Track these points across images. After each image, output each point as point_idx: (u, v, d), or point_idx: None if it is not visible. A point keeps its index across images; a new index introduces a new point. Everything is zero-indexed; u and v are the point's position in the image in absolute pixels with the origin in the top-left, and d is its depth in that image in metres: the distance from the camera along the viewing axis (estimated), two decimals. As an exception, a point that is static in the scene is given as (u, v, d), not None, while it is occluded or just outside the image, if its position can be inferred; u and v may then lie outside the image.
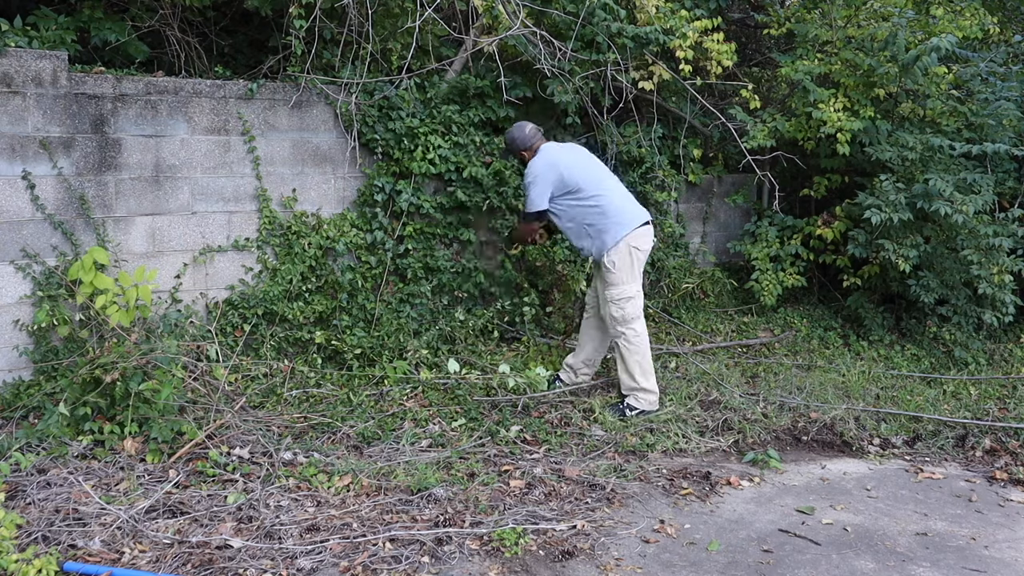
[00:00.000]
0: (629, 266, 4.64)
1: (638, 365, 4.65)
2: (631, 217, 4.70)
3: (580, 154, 4.86)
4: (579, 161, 4.78)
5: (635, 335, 4.65)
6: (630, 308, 4.65)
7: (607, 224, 4.65)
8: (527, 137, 4.81)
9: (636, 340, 4.65)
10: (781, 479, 4.13)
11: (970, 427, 4.73)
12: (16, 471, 3.62)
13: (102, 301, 4.17)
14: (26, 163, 4.36)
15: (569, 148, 4.90)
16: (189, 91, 4.81)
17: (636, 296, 4.67)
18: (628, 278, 4.65)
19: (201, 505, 3.46)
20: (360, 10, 5.20)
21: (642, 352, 4.67)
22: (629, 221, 4.67)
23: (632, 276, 4.66)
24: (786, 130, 6.34)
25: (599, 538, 3.39)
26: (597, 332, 4.97)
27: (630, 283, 4.65)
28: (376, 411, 4.56)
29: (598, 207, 4.67)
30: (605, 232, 4.65)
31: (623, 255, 4.63)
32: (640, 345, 4.66)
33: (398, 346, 5.15)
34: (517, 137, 4.83)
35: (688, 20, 5.85)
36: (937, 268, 6.00)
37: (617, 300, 4.65)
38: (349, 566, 3.06)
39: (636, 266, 4.67)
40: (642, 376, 4.66)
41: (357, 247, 5.32)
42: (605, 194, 4.70)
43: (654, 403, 4.71)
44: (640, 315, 4.68)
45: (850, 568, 3.28)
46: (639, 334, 4.66)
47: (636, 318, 4.66)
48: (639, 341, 4.66)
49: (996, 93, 6.19)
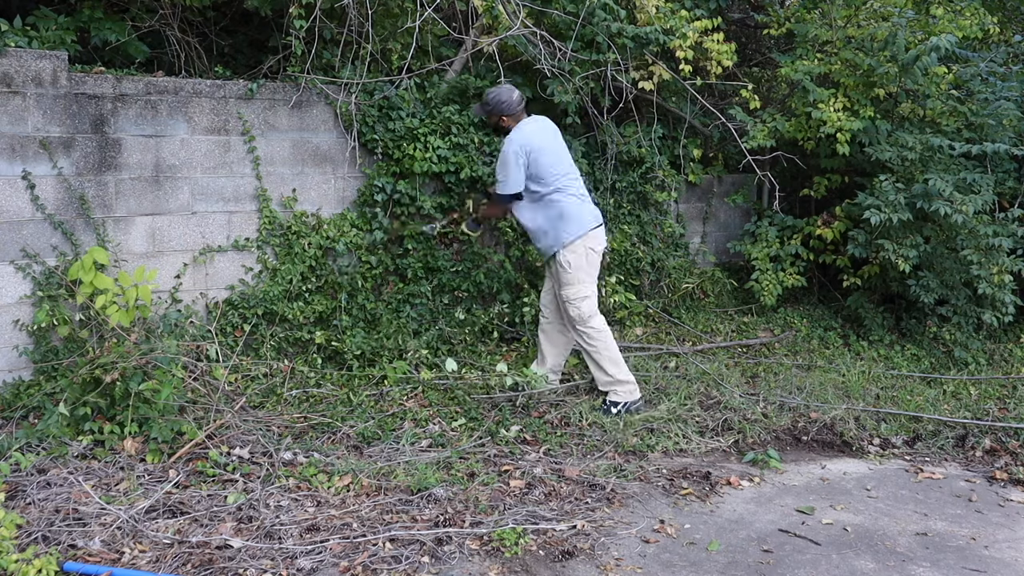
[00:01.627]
0: (585, 266, 4.56)
1: (607, 359, 4.59)
2: (589, 218, 4.61)
3: (551, 138, 4.68)
4: (550, 146, 4.62)
5: (596, 331, 4.59)
6: (586, 307, 4.59)
7: (564, 221, 4.55)
8: (514, 104, 4.64)
9: (598, 335, 4.59)
10: (781, 479, 4.13)
11: (970, 427, 4.73)
12: (16, 471, 3.62)
13: (102, 301, 4.17)
14: (26, 163, 4.36)
15: (541, 128, 4.69)
16: (189, 91, 4.81)
17: (591, 295, 4.61)
18: (584, 277, 4.57)
19: (201, 505, 3.46)
20: (360, 10, 5.20)
21: (607, 345, 4.61)
22: (587, 221, 4.58)
23: (588, 276, 4.59)
24: (786, 130, 6.34)
25: (599, 538, 3.39)
26: (559, 336, 4.87)
27: (586, 282, 4.58)
28: (376, 411, 4.56)
29: (558, 202, 4.56)
30: (562, 229, 4.55)
31: (579, 255, 4.55)
32: (603, 339, 4.60)
33: (398, 346, 5.15)
34: (504, 101, 4.63)
35: (688, 20, 5.85)
36: (937, 268, 6.00)
37: (573, 300, 4.58)
38: (349, 566, 3.06)
39: (591, 266, 4.59)
40: (614, 368, 4.59)
41: (357, 247, 5.31)
42: (566, 188, 4.59)
43: (634, 392, 4.67)
44: (596, 311, 4.62)
45: (850, 568, 3.28)
46: (599, 330, 4.60)
47: (593, 315, 4.60)
48: (601, 336, 4.59)
49: (996, 93, 6.19)
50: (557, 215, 4.57)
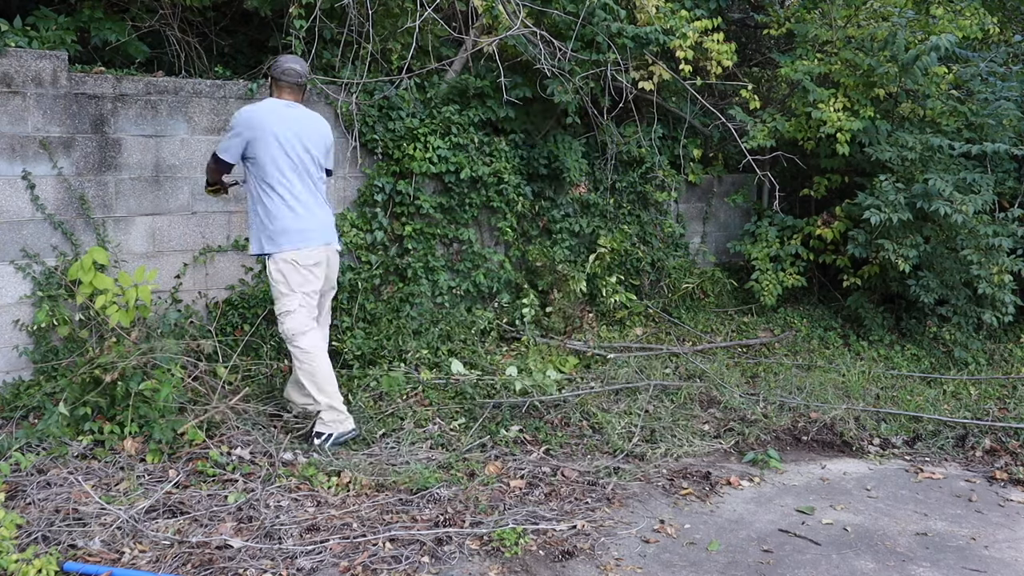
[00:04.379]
0: (290, 281, 4.07)
1: (312, 383, 4.12)
2: (298, 235, 4.05)
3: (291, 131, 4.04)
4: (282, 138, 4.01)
5: (302, 351, 4.10)
6: (290, 323, 4.09)
7: (273, 227, 4.03)
8: (280, 70, 4.10)
9: (304, 357, 4.11)
10: (781, 479, 4.13)
11: (970, 427, 4.73)
12: (16, 471, 3.62)
13: (102, 301, 4.17)
14: (26, 163, 4.36)
15: (283, 117, 4.06)
16: (189, 91, 4.81)
17: (296, 311, 4.08)
18: (286, 291, 4.08)
19: (201, 505, 3.46)
20: (360, 10, 5.20)
21: (313, 369, 4.11)
22: (295, 239, 4.04)
23: (293, 290, 4.08)
24: (786, 130, 6.34)
25: (599, 538, 3.39)
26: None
27: (290, 297, 4.08)
28: (376, 411, 4.56)
29: (270, 202, 4.03)
30: (268, 235, 4.05)
31: (283, 270, 4.05)
32: (310, 361, 4.11)
33: (398, 347, 5.15)
34: (278, 64, 4.13)
35: (688, 20, 5.85)
36: (937, 268, 6.00)
37: (279, 314, 4.13)
38: (349, 566, 3.06)
39: (305, 281, 4.09)
40: (320, 394, 4.11)
41: (357, 247, 5.31)
42: (285, 193, 4.02)
43: (344, 423, 4.14)
44: (305, 330, 4.10)
45: (850, 568, 3.28)
46: (306, 350, 4.10)
47: (299, 333, 4.09)
48: (308, 358, 4.11)
49: (996, 93, 6.19)
50: (265, 215, 4.05)
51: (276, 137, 4.00)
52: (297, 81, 4.14)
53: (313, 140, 4.13)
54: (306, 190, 4.10)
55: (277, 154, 4.01)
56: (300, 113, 4.14)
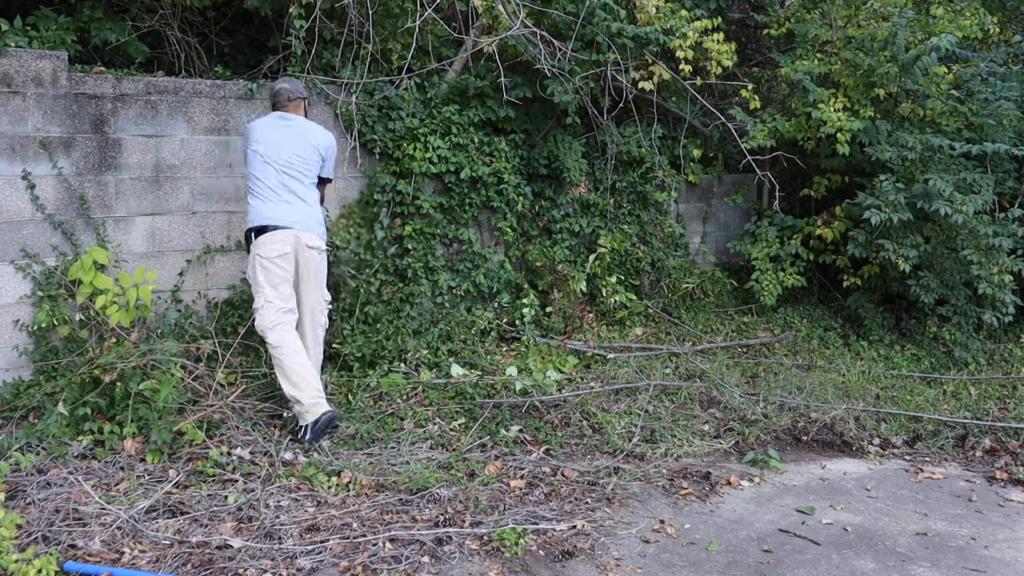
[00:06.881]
0: (262, 277, 4.25)
1: (285, 377, 4.23)
2: (274, 219, 4.26)
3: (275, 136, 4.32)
4: (265, 141, 4.30)
5: (272, 347, 4.26)
6: (259, 317, 4.26)
7: (249, 219, 4.32)
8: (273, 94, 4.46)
9: (275, 351, 4.25)
10: (781, 479, 4.13)
11: (970, 427, 4.73)
12: (16, 471, 3.62)
13: (102, 301, 4.16)
14: (26, 163, 4.36)
15: (266, 124, 4.37)
16: (189, 91, 4.81)
17: (264, 307, 4.24)
18: (257, 288, 4.28)
19: (201, 505, 3.46)
20: (360, 10, 5.20)
21: (281, 363, 4.24)
22: (266, 219, 4.26)
23: (261, 285, 4.25)
24: (786, 130, 6.34)
25: (599, 538, 3.39)
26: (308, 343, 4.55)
27: (259, 292, 4.27)
28: (376, 411, 4.56)
29: (248, 197, 4.35)
30: (249, 223, 4.32)
31: (257, 266, 4.26)
32: (280, 355, 4.24)
33: (398, 347, 5.14)
34: (271, 89, 4.51)
35: (688, 20, 5.85)
36: (937, 268, 6.00)
37: (254, 308, 4.33)
38: (349, 566, 3.06)
39: (272, 276, 4.25)
40: (292, 388, 4.21)
41: (357, 248, 5.31)
42: (259, 188, 4.29)
43: (312, 409, 4.20)
44: (274, 325, 4.24)
45: (850, 568, 3.28)
46: (275, 345, 4.24)
47: (269, 328, 4.24)
48: (277, 352, 4.25)
49: (996, 93, 6.19)
50: (248, 211, 4.36)
51: (261, 142, 4.31)
52: (288, 98, 4.44)
53: (301, 146, 4.36)
54: (283, 187, 4.32)
55: (257, 158, 4.31)
56: (293, 122, 4.40)
